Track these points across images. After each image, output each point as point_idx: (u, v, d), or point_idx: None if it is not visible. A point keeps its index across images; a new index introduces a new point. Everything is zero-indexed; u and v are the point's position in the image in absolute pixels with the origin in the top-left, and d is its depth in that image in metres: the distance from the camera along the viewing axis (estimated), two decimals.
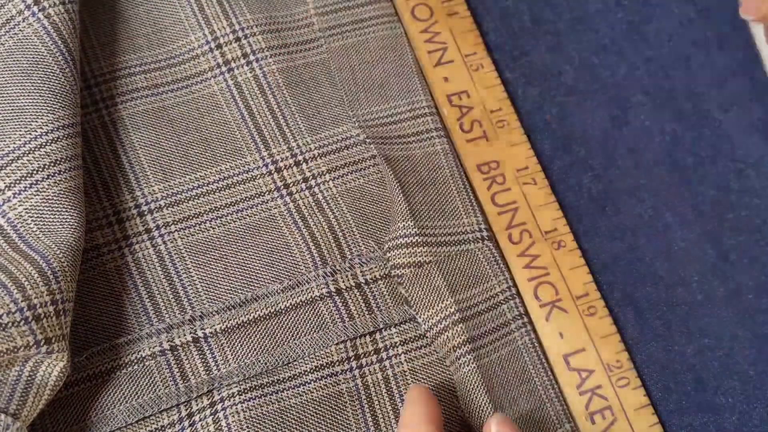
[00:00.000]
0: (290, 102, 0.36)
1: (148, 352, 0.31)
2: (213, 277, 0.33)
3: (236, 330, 0.31)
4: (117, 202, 0.33)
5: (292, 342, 0.32)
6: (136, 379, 0.30)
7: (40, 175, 0.30)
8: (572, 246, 0.34)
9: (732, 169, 0.36)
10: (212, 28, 0.36)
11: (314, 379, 0.31)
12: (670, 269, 0.34)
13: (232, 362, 0.31)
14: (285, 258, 0.33)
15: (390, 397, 0.32)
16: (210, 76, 0.36)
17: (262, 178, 0.34)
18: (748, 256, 0.34)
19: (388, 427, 0.31)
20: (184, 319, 0.32)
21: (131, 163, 0.34)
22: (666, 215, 0.35)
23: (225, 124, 0.35)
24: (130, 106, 0.35)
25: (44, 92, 0.31)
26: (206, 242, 0.33)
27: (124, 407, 0.30)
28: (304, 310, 0.32)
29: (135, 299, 0.32)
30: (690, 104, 0.37)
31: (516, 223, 0.34)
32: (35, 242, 0.29)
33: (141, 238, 0.33)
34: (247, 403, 0.31)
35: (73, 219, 0.30)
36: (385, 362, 0.32)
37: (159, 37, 0.36)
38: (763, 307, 0.34)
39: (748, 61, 0.37)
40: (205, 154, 0.35)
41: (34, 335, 0.27)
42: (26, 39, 0.32)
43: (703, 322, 0.34)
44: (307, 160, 0.35)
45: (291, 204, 0.34)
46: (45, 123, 0.31)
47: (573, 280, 0.33)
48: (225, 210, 0.34)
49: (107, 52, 0.35)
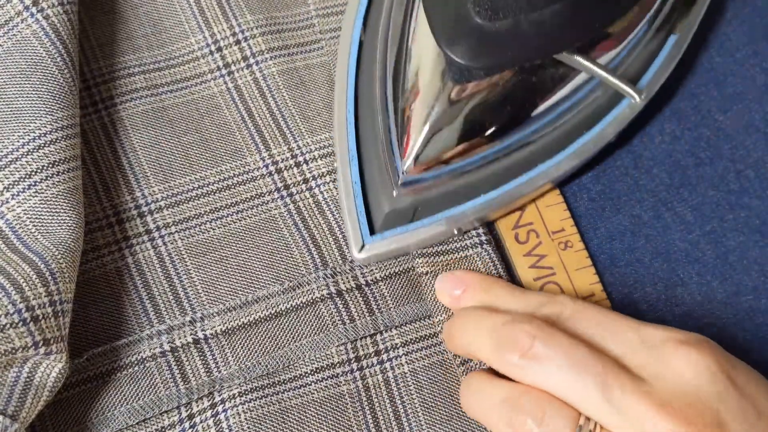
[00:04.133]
0: (290, 104, 0.36)
1: (149, 353, 0.31)
2: (213, 278, 0.33)
3: (237, 331, 0.31)
4: (117, 203, 0.33)
5: (293, 344, 0.32)
6: (136, 381, 0.30)
7: (38, 176, 0.30)
8: (579, 246, 0.34)
9: (732, 170, 0.36)
10: (212, 30, 0.36)
11: (315, 380, 0.31)
12: (669, 269, 0.34)
13: (232, 364, 0.31)
14: (285, 259, 0.33)
15: (390, 398, 0.32)
16: (210, 78, 0.36)
17: (263, 179, 0.34)
18: (747, 256, 0.34)
19: (388, 428, 0.31)
20: (184, 320, 0.32)
21: (131, 164, 0.34)
22: (666, 215, 0.35)
23: (225, 125, 0.35)
24: (130, 107, 0.35)
25: (43, 93, 0.31)
26: (206, 243, 0.33)
27: (124, 409, 0.30)
28: (304, 312, 0.32)
29: (135, 300, 0.32)
30: (690, 104, 0.37)
31: (523, 223, 0.34)
32: (33, 243, 0.29)
33: (141, 239, 0.33)
34: (248, 405, 0.30)
35: (72, 220, 0.30)
36: (386, 364, 0.32)
37: (159, 38, 0.36)
38: (762, 308, 0.34)
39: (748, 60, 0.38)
40: (205, 155, 0.34)
41: (33, 336, 0.27)
42: (25, 40, 0.31)
43: (703, 323, 0.34)
44: (308, 161, 0.35)
45: (291, 205, 0.34)
46: (44, 124, 0.30)
47: (579, 281, 0.33)
48: (225, 211, 0.34)
49: (106, 53, 0.35)
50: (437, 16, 0.31)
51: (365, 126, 0.34)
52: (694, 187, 0.35)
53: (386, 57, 0.35)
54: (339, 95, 0.35)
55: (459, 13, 0.30)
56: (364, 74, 0.35)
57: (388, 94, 0.34)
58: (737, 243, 0.35)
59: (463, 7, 0.30)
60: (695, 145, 0.36)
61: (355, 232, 0.33)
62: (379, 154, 0.34)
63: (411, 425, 0.31)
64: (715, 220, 0.35)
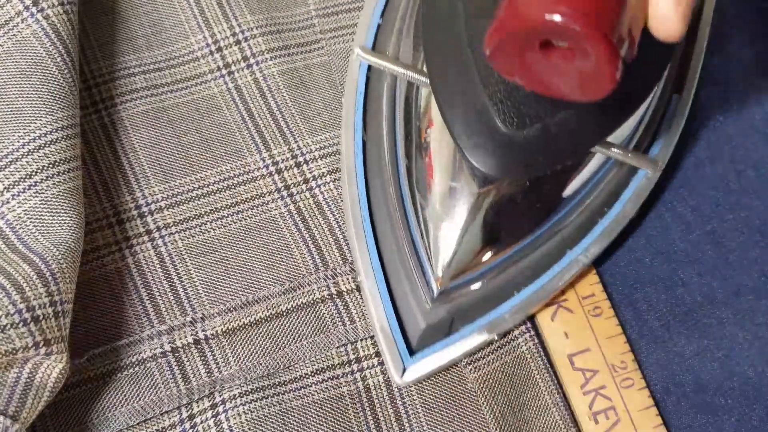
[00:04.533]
0: (290, 104, 0.36)
1: (149, 353, 0.31)
2: (214, 278, 0.32)
3: (237, 332, 0.31)
4: (117, 203, 0.33)
5: (293, 344, 0.32)
6: (137, 381, 0.30)
7: (38, 176, 0.30)
8: None
9: (732, 170, 0.36)
10: (212, 30, 0.36)
11: (316, 381, 0.31)
12: (670, 270, 0.34)
13: (233, 364, 0.31)
14: (286, 260, 0.33)
15: (392, 400, 0.32)
16: (210, 78, 0.36)
17: (263, 179, 0.34)
18: (747, 256, 0.34)
19: (389, 429, 0.31)
20: (185, 320, 0.32)
21: (131, 164, 0.34)
22: (666, 215, 0.35)
23: (225, 125, 0.35)
24: (130, 107, 0.35)
25: (43, 93, 0.31)
26: (207, 243, 0.33)
27: (125, 409, 0.30)
28: (305, 313, 0.32)
29: (135, 301, 0.32)
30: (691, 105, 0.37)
31: None
32: (34, 244, 0.29)
33: (141, 240, 0.33)
34: (249, 405, 0.30)
35: (72, 220, 0.30)
36: None
37: (159, 38, 0.36)
38: (762, 308, 0.34)
39: (745, 63, 0.38)
40: (206, 155, 0.34)
41: (33, 337, 0.27)
42: (25, 40, 0.31)
43: (703, 324, 0.34)
44: (308, 162, 0.35)
45: (292, 205, 0.34)
46: (44, 124, 0.30)
47: (579, 281, 0.33)
48: (225, 211, 0.34)
49: (106, 53, 0.35)
50: (458, 126, 0.28)
51: (384, 235, 0.33)
52: (694, 187, 0.36)
53: (396, 158, 0.33)
54: (352, 205, 0.33)
55: (482, 122, 0.28)
56: (375, 178, 0.33)
57: (405, 200, 0.32)
58: (737, 243, 0.35)
59: (485, 115, 0.28)
60: (695, 145, 0.36)
61: (394, 356, 0.31)
62: (405, 265, 0.32)
63: (412, 426, 0.31)
64: (715, 220, 0.35)
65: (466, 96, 0.28)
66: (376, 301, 0.31)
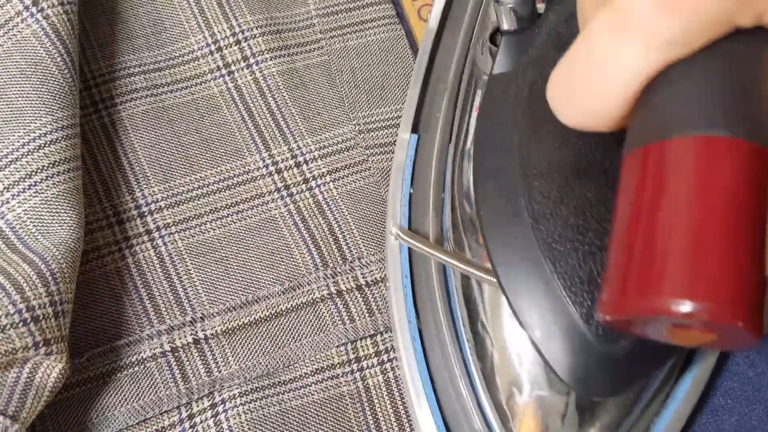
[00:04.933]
0: (290, 104, 0.36)
1: (149, 353, 0.31)
2: (213, 278, 0.33)
3: (237, 331, 0.31)
4: (117, 203, 0.33)
5: (293, 344, 0.32)
6: (136, 381, 0.30)
7: (38, 176, 0.30)
8: None
9: None
10: (212, 30, 0.36)
11: (315, 381, 0.31)
12: None
13: (233, 364, 0.31)
14: (285, 259, 0.33)
15: (391, 399, 0.32)
16: (210, 78, 0.36)
17: (263, 179, 0.34)
18: None
19: (389, 429, 0.31)
20: (184, 320, 0.32)
21: (131, 164, 0.34)
22: None
23: (225, 125, 0.35)
24: (130, 107, 0.35)
25: (43, 93, 0.31)
26: (207, 243, 0.33)
27: (125, 409, 0.30)
28: (304, 312, 0.32)
29: (135, 300, 0.32)
30: None
31: None
32: (34, 244, 0.29)
33: (141, 240, 0.33)
34: (248, 405, 0.30)
35: (72, 220, 0.30)
36: (386, 365, 0.32)
37: (158, 38, 0.36)
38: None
39: None
40: (205, 155, 0.34)
41: (33, 337, 0.27)
42: (25, 40, 0.31)
43: None
44: (308, 161, 0.35)
45: (291, 205, 0.34)
46: (44, 124, 0.30)
47: None
48: (225, 211, 0.34)
49: (106, 53, 0.35)
50: (548, 346, 0.24)
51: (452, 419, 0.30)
52: None
53: (462, 353, 0.30)
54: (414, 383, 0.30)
55: (572, 338, 0.24)
56: (439, 370, 0.30)
57: (483, 404, 0.29)
58: None
59: (573, 330, 0.24)
60: None
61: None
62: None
63: (412, 426, 0.31)
64: None
65: (551, 313, 0.25)
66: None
